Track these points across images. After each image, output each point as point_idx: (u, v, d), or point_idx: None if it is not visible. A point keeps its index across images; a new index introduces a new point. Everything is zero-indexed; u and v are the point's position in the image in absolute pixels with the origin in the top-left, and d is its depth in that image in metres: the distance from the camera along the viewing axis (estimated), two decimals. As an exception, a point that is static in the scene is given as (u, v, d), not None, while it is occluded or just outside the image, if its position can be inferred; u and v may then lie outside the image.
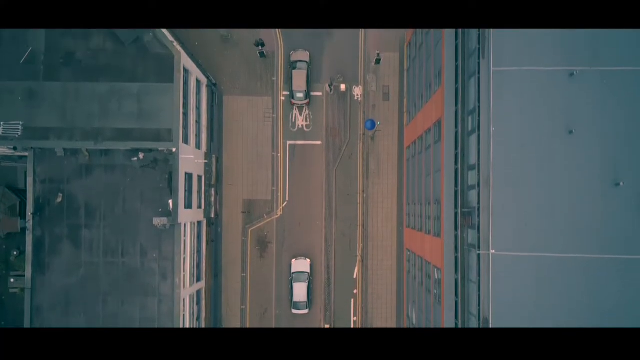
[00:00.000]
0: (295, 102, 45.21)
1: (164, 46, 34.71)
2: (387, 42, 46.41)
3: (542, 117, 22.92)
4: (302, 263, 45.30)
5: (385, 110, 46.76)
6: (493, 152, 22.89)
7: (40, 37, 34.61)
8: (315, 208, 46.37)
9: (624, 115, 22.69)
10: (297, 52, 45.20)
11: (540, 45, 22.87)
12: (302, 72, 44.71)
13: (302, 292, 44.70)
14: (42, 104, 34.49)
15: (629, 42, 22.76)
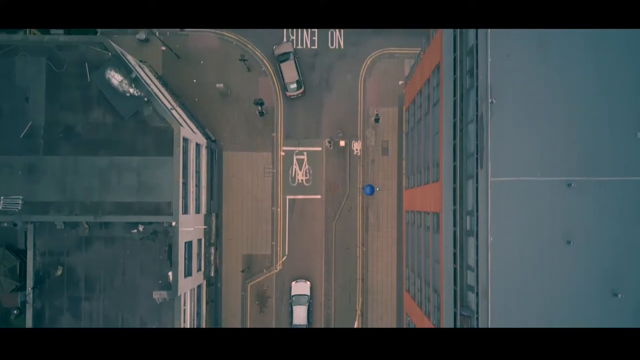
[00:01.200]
0: (290, 93, 45.10)
1: (163, 119, 34.78)
2: (386, 97, 46.57)
3: (540, 226, 22.97)
4: (302, 286, 45.41)
5: (384, 165, 46.85)
6: (491, 260, 22.93)
7: (40, 111, 34.72)
8: (314, 262, 46.42)
9: (623, 225, 22.75)
10: (281, 46, 45.12)
11: (538, 155, 22.94)
12: (290, 62, 44.76)
13: (302, 314, 44.86)
14: (41, 178, 34.56)
15: (626, 151, 22.84)
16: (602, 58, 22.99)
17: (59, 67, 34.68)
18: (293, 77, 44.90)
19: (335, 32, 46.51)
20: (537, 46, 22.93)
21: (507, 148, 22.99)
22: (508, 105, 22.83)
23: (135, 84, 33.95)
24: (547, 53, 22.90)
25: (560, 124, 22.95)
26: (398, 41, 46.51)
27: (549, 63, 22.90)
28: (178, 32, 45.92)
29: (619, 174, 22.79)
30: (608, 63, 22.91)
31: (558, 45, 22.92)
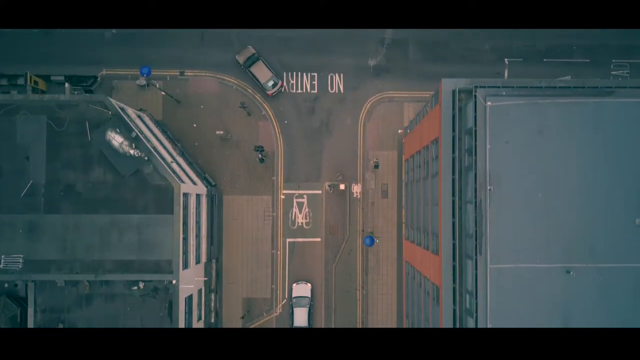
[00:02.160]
0: (271, 92, 44.99)
1: (163, 178, 34.88)
2: (386, 141, 46.69)
3: (539, 311, 23.08)
4: (302, 287, 45.38)
5: (384, 208, 46.93)
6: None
7: (41, 170, 34.82)
8: (314, 305, 46.46)
9: (621, 312, 22.85)
10: (242, 52, 44.99)
11: (537, 241, 23.06)
12: (258, 63, 44.83)
13: (302, 316, 44.84)
14: (42, 236, 34.66)
15: (625, 238, 22.95)
16: (601, 142, 23.12)
17: (60, 125, 34.79)
18: (267, 75, 44.80)
19: (335, 76, 46.65)
20: (537, 133, 23.06)
21: (506, 235, 23.10)
22: (507, 192, 22.95)
23: (135, 144, 34.04)
24: (546, 139, 23.03)
25: (559, 210, 23.06)
26: (397, 85, 46.65)
27: (548, 149, 23.03)
28: (178, 77, 46.06)
29: (618, 261, 22.89)
30: (607, 148, 23.04)
31: (557, 131, 23.06)
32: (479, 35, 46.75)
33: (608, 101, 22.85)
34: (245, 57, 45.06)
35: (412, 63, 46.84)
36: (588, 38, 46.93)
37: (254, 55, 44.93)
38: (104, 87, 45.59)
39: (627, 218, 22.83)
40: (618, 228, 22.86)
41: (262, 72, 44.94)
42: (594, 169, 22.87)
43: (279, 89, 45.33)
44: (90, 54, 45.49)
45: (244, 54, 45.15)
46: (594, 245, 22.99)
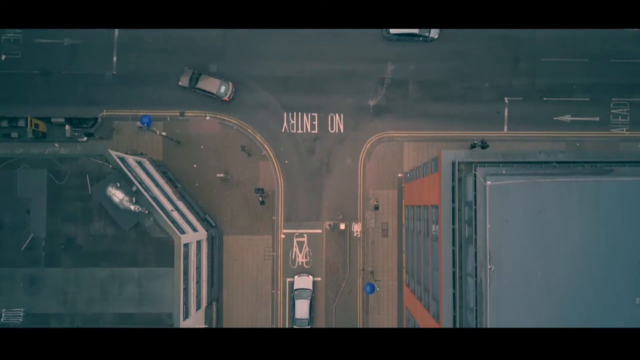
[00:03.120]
0: (227, 97, 44.63)
1: (163, 230, 34.93)
2: (386, 180, 46.73)
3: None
4: (304, 280, 45.36)
5: (384, 247, 46.97)
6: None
7: (41, 224, 34.88)
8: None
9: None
10: (183, 75, 44.74)
11: (537, 319, 23.06)
12: (203, 77, 44.60)
13: (304, 309, 44.77)
14: (43, 290, 34.72)
15: (624, 317, 22.96)
16: (601, 220, 23.15)
17: (60, 179, 34.86)
18: (215, 84, 44.52)
19: (335, 116, 46.70)
20: (537, 212, 23.09)
21: (507, 313, 23.11)
22: (507, 272, 22.99)
23: (136, 198, 34.09)
24: (546, 218, 23.06)
25: (560, 289, 23.09)
26: (397, 125, 46.71)
27: (547, 228, 23.07)
28: (178, 117, 46.12)
29: (618, 339, 22.85)
30: (607, 227, 23.07)
31: (557, 210, 23.09)
32: (478, 73, 46.81)
33: (607, 180, 22.85)
34: (188, 78, 44.70)
35: (411, 102, 46.88)
36: (588, 76, 47.00)
37: (194, 72, 44.68)
38: (104, 128, 45.65)
39: (628, 298, 22.85)
40: (619, 308, 22.87)
41: (210, 83, 44.60)
42: (594, 248, 22.90)
43: (233, 90, 45.00)
44: (90, 95, 45.56)
45: (185, 77, 44.76)
46: (595, 324, 22.97)
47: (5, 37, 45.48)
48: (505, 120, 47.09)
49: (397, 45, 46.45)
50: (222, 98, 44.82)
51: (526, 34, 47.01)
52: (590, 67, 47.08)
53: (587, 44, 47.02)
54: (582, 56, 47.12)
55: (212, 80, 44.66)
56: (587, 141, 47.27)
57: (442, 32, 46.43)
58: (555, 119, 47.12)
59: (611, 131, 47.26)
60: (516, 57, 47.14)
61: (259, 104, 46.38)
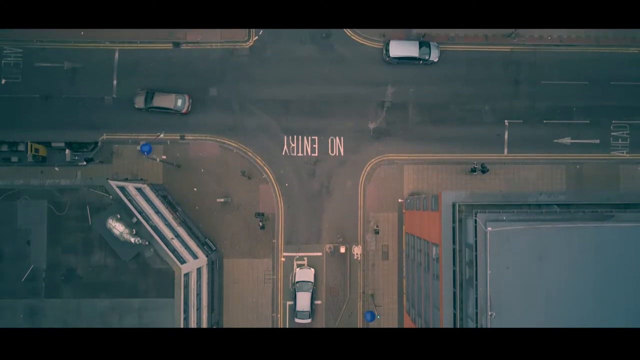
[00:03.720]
0: (185, 109, 44.49)
1: (164, 261, 34.91)
2: (386, 203, 46.71)
3: None
4: (306, 272, 45.25)
5: (384, 270, 46.94)
6: None
7: (42, 255, 34.85)
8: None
9: None
10: (137, 98, 44.55)
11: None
12: (157, 95, 44.37)
13: (305, 301, 44.69)
14: (43, 321, 34.67)
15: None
16: (601, 266, 23.15)
17: (60, 210, 34.84)
18: (171, 99, 44.26)
19: (335, 140, 46.70)
20: (538, 259, 23.08)
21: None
22: (508, 318, 22.96)
23: (136, 230, 34.07)
24: (546, 265, 23.06)
25: (560, 335, 23.04)
26: (397, 148, 46.72)
27: (548, 275, 23.07)
28: (179, 141, 46.12)
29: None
30: (608, 273, 23.07)
31: (558, 256, 23.08)
32: (478, 96, 46.83)
33: (608, 225, 22.85)
34: (143, 99, 44.44)
35: (412, 125, 46.89)
36: (588, 99, 47.03)
37: (148, 92, 44.48)
38: (104, 152, 45.66)
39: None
40: (619, 354, 22.81)
41: (165, 99, 44.42)
42: (595, 294, 22.89)
43: (190, 102, 44.78)
44: (90, 118, 45.56)
45: (140, 98, 44.50)
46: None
47: (6, 61, 45.50)
48: (506, 142, 47.10)
49: (397, 68, 46.46)
50: (181, 111, 44.61)
51: (526, 56, 47.07)
52: (590, 89, 47.11)
53: (587, 66, 47.06)
54: (582, 79, 47.14)
55: (167, 96, 44.46)
56: (587, 164, 47.30)
57: (442, 55, 46.47)
58: (555, 142, 47.13)
59: (611, 153, 47.29)
60: (516, 79, 47.17)
61: (259, 127, 46.39)
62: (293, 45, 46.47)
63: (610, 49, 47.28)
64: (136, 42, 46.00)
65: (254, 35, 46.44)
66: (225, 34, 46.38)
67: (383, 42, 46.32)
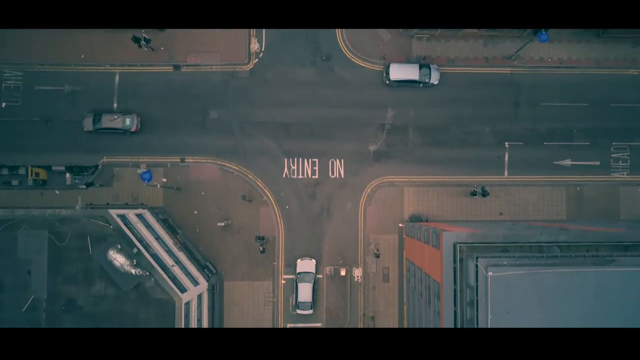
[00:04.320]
0: (134, 127, 44.55)
1: (164, 291, 34.92)
2: (386, 225, 46.72)
3: None
4: (307, 263, 45.31)
5: (385, 292, 46.93)
6: None
7: (42, 285, 34.87)
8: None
9: None
10: (85, 121, 44.60)
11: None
12: (104, 116, 44.45)
13: (307, 292, 44.80)
14: (44, 351, 34.59)
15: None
16: (602, 311, 23.13)
17: (61, 240, 34.85)
18: (119, 120, 44.30)
19: (335, 162, 46.70)
20: (537, 303, 23.08)
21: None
22: None
23: (137, 260, 34.09)
24: (547, 309, 23.05)
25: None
26: (398, 170, 46.74)
27: (549, 319, 23.04)
28: (179, 164, 46.12)
29: None
30: (609, 318, 23.04)
31: (558, 301, 23.07)
32: (479, 118, 46.85)
33: (609, 270, 22.86)
34: (91, 121, 44.42)
35: (412, 148, 46.91)
36: (588, 120, 47.05)
37: (95, 114, 44.48)
38: (104, 175, 45.67)
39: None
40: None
41: (113, 120, 44.43)
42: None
43: (138, 120, 44.81)
44: (91, 141, 45.56)
45: (88, 120, 44.46)
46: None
47: (6, 85, 45.52)
48: (506, 164, 47.11)
49: (397, 90, 46.48)
50: (130, 130, 44.62)
51: (527, 78, 47.10)
52: (590, 111, 47.14)
53: (587, 88, 47.09)
54: (583, 100, 47.17)
55: (114, 116, 44.46)
56: (588, 185, 47.33)
57: (442, 77, 46.49)
58: (555, 163, 47.15)
59: (611, 175, 47.32)
60: (516, 101, 47.19)
61: (260, 150, 46.40)
62: (293, 68, 46.50)
63: (610, 70, 47.33)
64: (136, 64, 46.01)
65: (254, 58, 46.48)
66: (225, 56, 46.45)
67: (383, 64, 46.35)
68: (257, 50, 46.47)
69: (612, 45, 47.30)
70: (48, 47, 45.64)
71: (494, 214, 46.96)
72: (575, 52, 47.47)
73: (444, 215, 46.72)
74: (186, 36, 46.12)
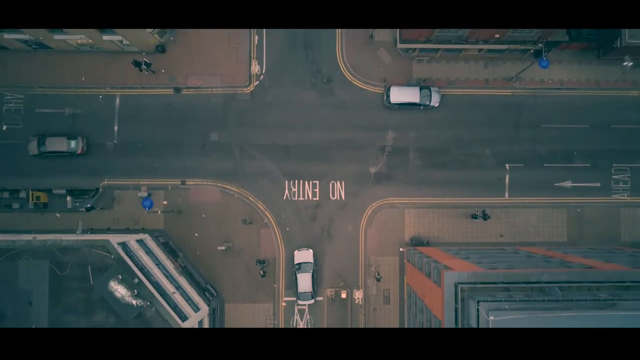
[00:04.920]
0: (79, 150, 44.32)
1: (165, 320, 34.92)
2: (387, 247, 46.71)
3: None
4: (305, 254, 45.38)
5: (386, 314, 46.93)
6: None
7: (43, 315, 34.88)
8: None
9: None
10: (30, 145, 44.10)
11: None
12: (49, 139, 44.15)
13: (306, 282, 44.88)
14: (45, 381, 34.59)
15: None
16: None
17: (62, 269, 34.87)
18: (63, 143, 44.19)
19: (336, 184, 46.72)
20: (539, 347, 23.03)
21: None
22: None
23: (138, 290, 34.09)
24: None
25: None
26: (398, 191, 46.74)
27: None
28: (180, 186, 46.13)
29: None
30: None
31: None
32: (479, 140, 46.86)
33: (610, 314, 22.85)
34: (35, 144, 44.03)
35: (412, 169, 46.92)
36: (589, 142, 47.06)
37: (39, 137, 44.16)
38: (105, 198, 45.67)
39: None
40: None
41: (57, 143, 44.14)
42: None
43: (84, 142, 44.56)
44: (91, 164, 45.59)
45: (32, 144, 44.14)
46: None
47: (7, 107, 45.57)
48: (507, 186, 47.12)
49: (398, 113, 46.50)
50: (76, 153, 44.40)
51: (527, 100, 47.13)
52: (591, 132, 47.16)
53: (588, 109, 47.12)
54: (583, 122, 47.20)
55: (59, 139, 44.23)
56: (588, 207, 47.34)
57: (443, 100, 46.52)
58: (556, 185, 47.16)
59: (612, 197, 47.32)
60: (517, 123, 47.21)
61: (260, 172, 46.41)
62: (294, 90, 46.53)
63: (611, 92, 47.35)
64: (137, 87, 46.04)
65: (255, 80, 46.50)
66: (225, 78, 46.47)
67: (384, 86, 46.37)
68: (258, 73, 46.49)
69: (612, 66, 47.33)
70: (49, 70, 45.68)
71: (495, 235, 46.98)
72: (576, 73, 47.50)
73: (445, 237, 46.74)
74: (187, 58, 46.18)
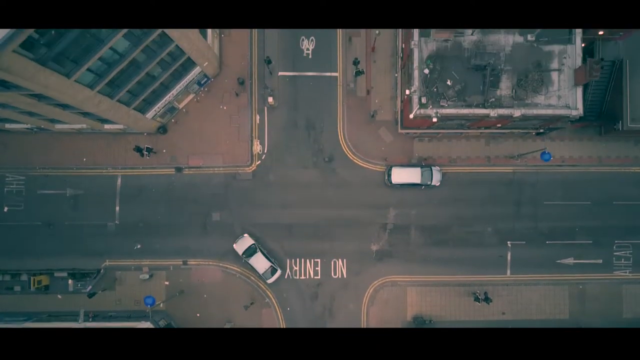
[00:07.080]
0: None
1: None
2: (389, 326, 46.59)
3: None
4: (243, 241, 45.20)
5: None
6: None
7: None
8: None
9: None
10: None
11: None
12: None
13: (262, 262, 44.83)
14: None
15: None
16: None
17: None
18: None
19: (338, 262, 46.66)
20: None
21: None
22: None
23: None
24: None
25: None
26: (400, 269, 46.69)
27: None
28: (181, 267, 46.09)
29: None
30: None
31: None
32: (480, 218, 46.83)
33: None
34: None
35: (414, 247, 46.87)
36: (591, 219, 47.02)
37: None
38: (107, 279, 45.64)
39: None
40: None
41: None
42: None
43: None
44: (93, 245, 45.58)
45: None
46: None
47: (8, 189, 45.60)
48: (508, 264, 47.07)
49: (399, 191, 46.50)
50: None
51: (528, 177, 47.12)
52: (592, 209, 47.13)
53: (590, 186, 47.12)
54: (585, 199, 47.17)
55: None
56: (590, 284, 47.29)
57: (444, 177, 46.51)
58: (558, 262, 47.11)
59: (614, 273, 47.27)
60: (518, 200, 47.18)
61: (262, 251, 46.41)
62: (295, 169, 46.54)
63: (612, 168, 47.37)
64: (138, 167, 46.07)
65: (257, 160, 46.51)
66: (227, 158, 46.48)
67: (385, 165, 46.37)
68: (260, 152, 46.51)
69: (613, 143, 47.36)
70: (50, 151, 45.73)
71: (497, 313, 46.92)
72: (577, 150, 47.51)
73: (447, 316, 46.67)
74: (188, 138, 46.22)
